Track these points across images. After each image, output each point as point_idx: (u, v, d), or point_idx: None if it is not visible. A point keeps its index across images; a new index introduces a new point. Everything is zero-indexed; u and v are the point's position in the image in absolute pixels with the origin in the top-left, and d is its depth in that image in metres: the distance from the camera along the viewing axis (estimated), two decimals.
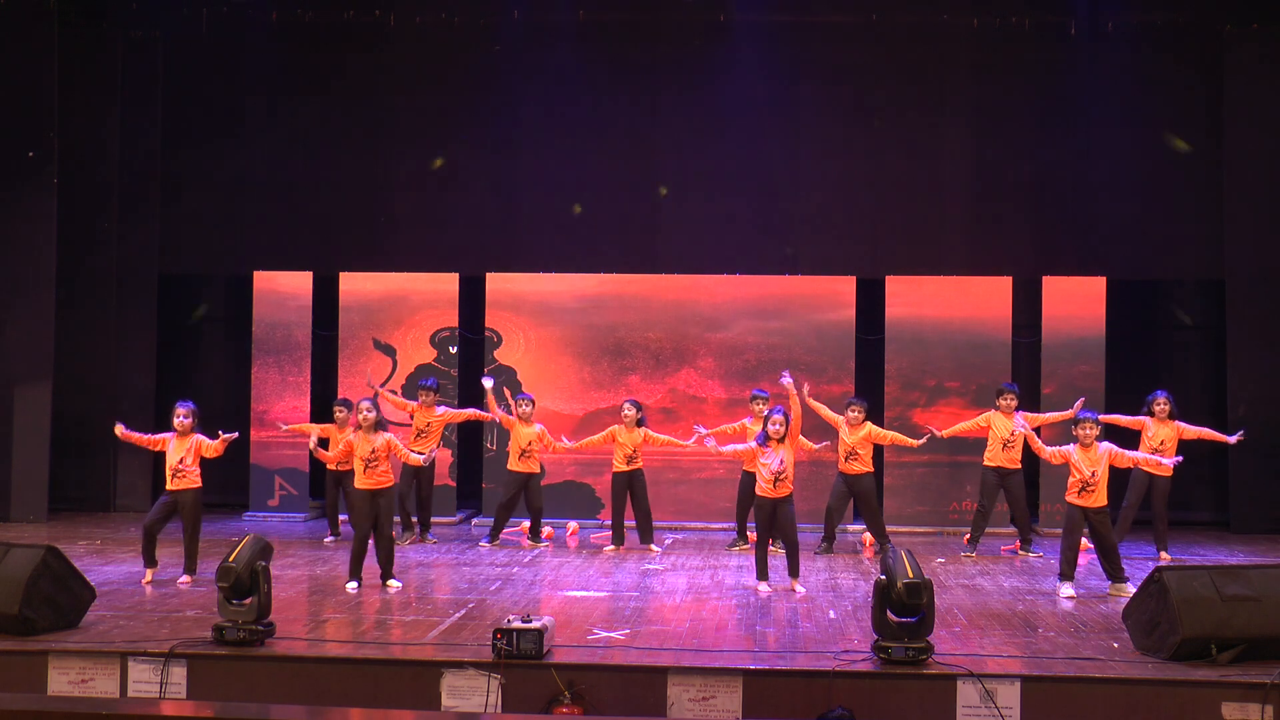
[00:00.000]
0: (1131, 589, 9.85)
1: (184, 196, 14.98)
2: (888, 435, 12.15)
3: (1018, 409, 12.09)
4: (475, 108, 14.90)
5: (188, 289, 15.60)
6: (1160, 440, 11.64)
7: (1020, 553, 12.10)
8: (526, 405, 12.43)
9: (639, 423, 12.21)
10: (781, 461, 10.11)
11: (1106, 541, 10.07)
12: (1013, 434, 11.90)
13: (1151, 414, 11.77)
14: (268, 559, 8.29)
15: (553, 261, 14.54)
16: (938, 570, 11.12)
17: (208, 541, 11.19)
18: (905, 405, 13.86)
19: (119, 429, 10.47)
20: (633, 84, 14.85)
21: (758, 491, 10.27)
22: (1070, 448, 10.15)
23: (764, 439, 10.19)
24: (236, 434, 10.47)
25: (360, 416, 10.32)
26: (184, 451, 10.32)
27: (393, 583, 10.11)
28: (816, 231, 14.69)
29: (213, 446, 10.36)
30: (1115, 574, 10.11)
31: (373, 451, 10.15)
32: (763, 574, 10.27)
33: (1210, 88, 14.24)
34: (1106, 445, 10.16)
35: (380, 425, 10.29)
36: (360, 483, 10.23)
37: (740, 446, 10.65)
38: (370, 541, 10.23)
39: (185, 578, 10.25)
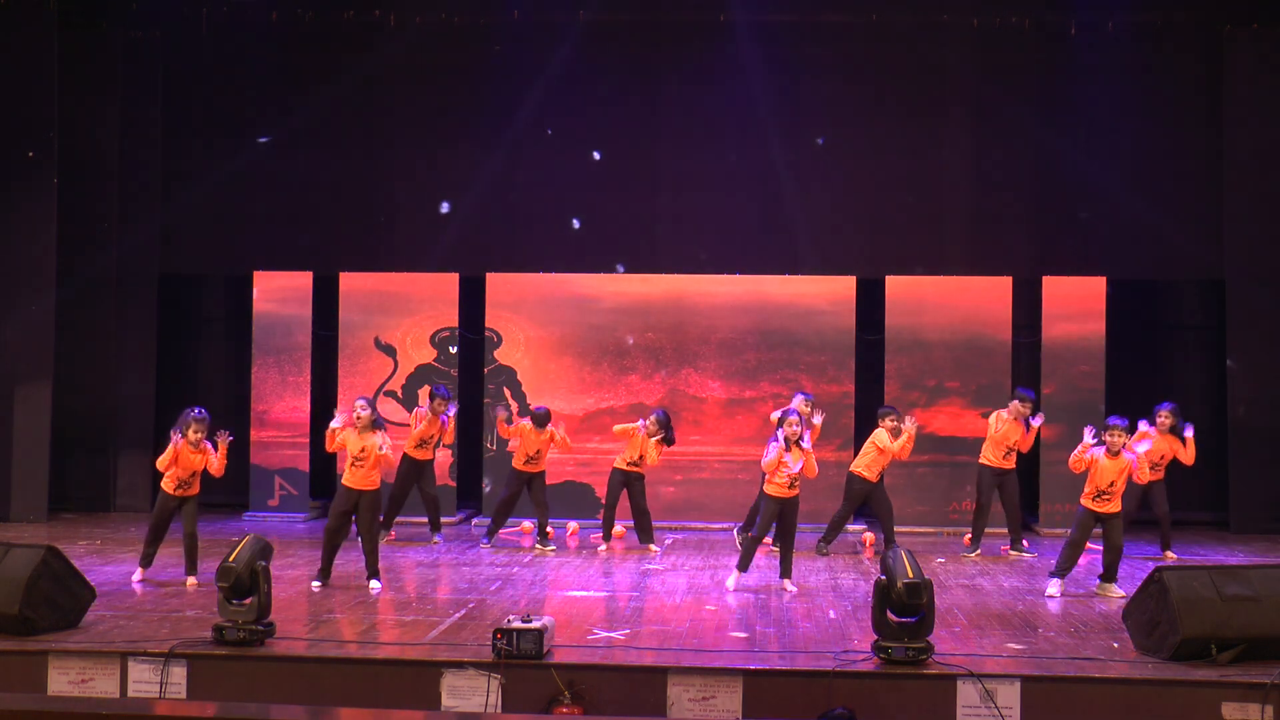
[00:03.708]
0: (1118, 590, 9.90)
1: (184, 196, 14.95)
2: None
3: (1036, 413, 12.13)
4: (475, 108, 14.87)
5: (188, 289, 15.60)
6: (1159, 454, 11.65)
7: (1011, 553, 12.09)
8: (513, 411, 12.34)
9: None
10: (801, 465, 10.18)
11: (1116, 543, 10.07)
12: (1015, 443, 11.94)
13: (1154, 425, 11.77)
14: (268, 559, 8.29)
15: (553, 261, 14.53)
16: (938, 570, 11.12)
17: (208, 541, 11.20)
18: (905, 405, 13.78)
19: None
20: (633, 84, 14.83)
21: (772, 493, 10.28)
22: (1098, 452, 10.06)
23: (785, 442, 10.17)
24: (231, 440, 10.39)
25: (355, 415, 10.16)
26: (200, 463, 10.23)
27: (374, 583, 10.03)
28: (816, 231, 14.67)
29: (215, 465, 10.31)
30: (1110, 575, 10.11)
31: (362, 450, 10.08)
32: (745, 565, 10.33)
33: (1210, 87, 14.23)
34: (1130, 457, 10.10)
35: (376, 425, 10.17)
36: (346, 479, 10.17)
37: (770, 456, 10.32)
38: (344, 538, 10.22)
39: (190, 580, 10.25)
